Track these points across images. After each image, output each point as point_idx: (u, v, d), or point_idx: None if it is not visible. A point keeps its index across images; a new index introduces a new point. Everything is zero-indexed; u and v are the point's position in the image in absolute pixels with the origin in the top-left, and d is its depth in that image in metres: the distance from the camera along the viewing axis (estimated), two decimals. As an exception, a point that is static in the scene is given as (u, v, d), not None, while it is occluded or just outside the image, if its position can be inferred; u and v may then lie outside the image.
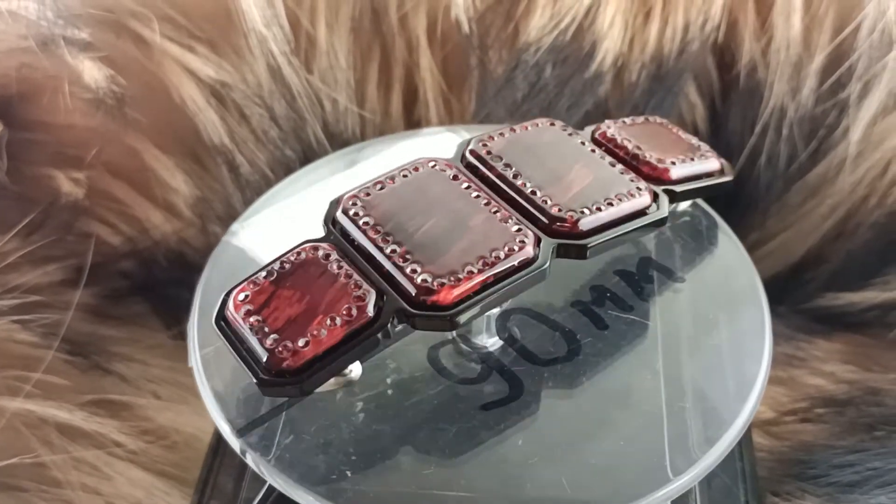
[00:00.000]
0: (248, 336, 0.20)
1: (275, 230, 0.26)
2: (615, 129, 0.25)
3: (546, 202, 0.22)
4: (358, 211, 0.21)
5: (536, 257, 0.21)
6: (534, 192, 0.22)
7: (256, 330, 0.20)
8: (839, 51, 0.31)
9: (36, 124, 0.31)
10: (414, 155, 0.23)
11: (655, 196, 0.23)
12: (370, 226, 0.21)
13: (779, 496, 0.28)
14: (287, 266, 0.21)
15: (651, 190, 0.23)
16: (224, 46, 0.32)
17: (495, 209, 0.21)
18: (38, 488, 0.27)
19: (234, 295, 0.21)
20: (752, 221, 0.34)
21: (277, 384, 0.19)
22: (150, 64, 0.32)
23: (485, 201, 0.22)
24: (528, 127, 0.24)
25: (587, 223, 0.21)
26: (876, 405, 0.30)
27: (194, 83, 0.32)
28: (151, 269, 0.34)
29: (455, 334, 0.23)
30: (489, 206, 0.21)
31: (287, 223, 0.26)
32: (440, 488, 0.20)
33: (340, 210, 0.22)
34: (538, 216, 0.21)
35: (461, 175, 0.22)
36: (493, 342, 0.23)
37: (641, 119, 0.26)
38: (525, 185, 0.22)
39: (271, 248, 0.22)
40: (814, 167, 0.33)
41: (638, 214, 0.22)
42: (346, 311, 0.20)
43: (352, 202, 0.22)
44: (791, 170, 0.33)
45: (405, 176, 0.22)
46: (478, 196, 0.22)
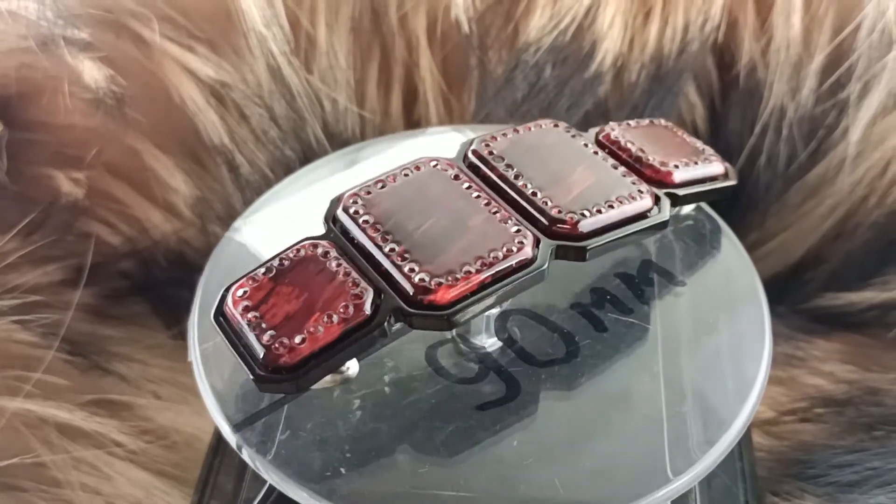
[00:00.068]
0: (246, 332, 0.20)
1: (278, 227, 0.26)
2: (619, 132, 0.25)
3: (546, 203, 0.22)
4: (358, 209, 0.21)
5: (535, 258, 0.21)
6: (534, 194, 0.22)
7: (254, 326, 0.20)
8: (839, 51, 0.31)
9: (36, 124, 0.31)
10: (414, 155, 0.23)
11: (657, 199, 0.23)
12: (370, 224, 0.21)
13: (778, 496, 0.28)
14: (286, 263, 0.21)
15: (653, 193, 0.23)
16: (224, 46, 0.32)
17: (495, 210, 0.21)
18: (38, 488, 0.27)
19: (233, 291, 0.21)
20: (752, 221, 0.34)
21: (274, 380, 0.19)
22: (150, 64, 0.31)
23: (485, 202, 0.22)
24: (532, 128, 0.24)
25: (587, 225, 0.21)
26: (875, 405, 0.30)
27: (194, 83, 0.32)
28: (151, 269, 0.34)
29: (454, 334, 0.23)
30: (489, 207, 0.21)
31: (291, 220, 0.26)
32: (435, 487, 0.20)
33: (341, 208, 0.22)
34: (538, 217, 0.21)
35: (462, 175, 0.22)
36: (492, 342, 0.23)
37: (646, 121, 0.26)
38: (526, 186, 0.22)
39: (274, 246, 0.22)
40: (813, 167, 0.33)
41: (639, 217, 0.22)
42: (344, 309, 0.20)
43: (352, 200, 0.22)
44: (790, 170, 0.33)
45: (406, 175, 0.22)
46: (478, 196, 0.22)
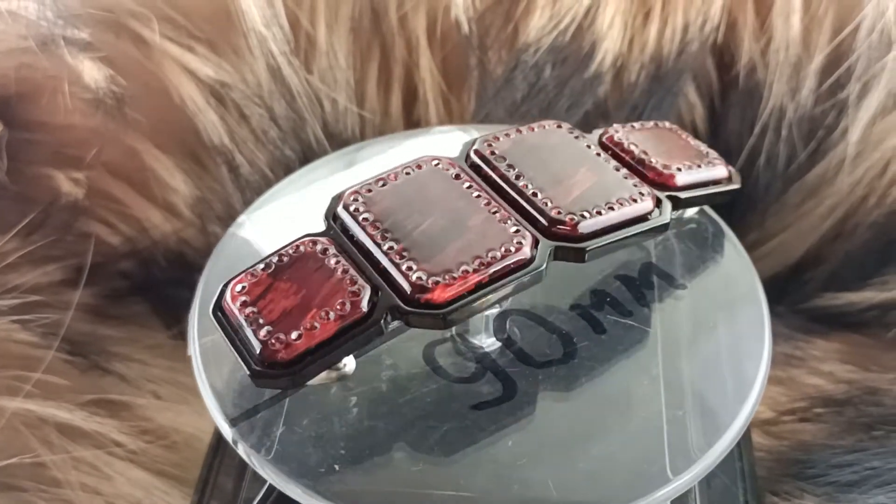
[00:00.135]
0: (244, 327, 0.20)
1: (280, 225, 0.26)
2: (622, 133, 0.25)
3: (546, 204, 0.22)
4: (359, 207, 0.21)
5: (533, 259, 0.21)
6: (535, 194, 0.22)
7: (251, 321, 0.20)
8: (838, 51, 0.32)
9: (35, 124, 0.31)
10: (413, 154, 0.23)
11: (659, 202, 0.23)
12: (369, 222, 0.21)
13: (778, 496, 0.28)
14: (285, 259, 0.21)
15: (654, 195, 0.23)
16: (224, 46, 0.32)
17: (495, 210, 0.21)
18: (38, 488, 0.27)
19: (232, 286, 0.21)
20: (751, 221, 0.34)
21: (269, 376, 0.19)
22: (150, 64, 0.31)
23: (485, 201, 0.22)
24: (535, 128, 0.24)
25: (586, 226, 0.21)
26: (874, 405, 0.30)
27: (194, 83, 0.32)
28: (151, 269, 0.34)
29: (454, 333, 0.23)
30: (489, 207, 0.21)
31: (291, 220, 0.25)
32: (429, 486, 0.20)
33: (341, 205, 0.22)
34: (538, 218, 0.21)
35: (463, 174, 0.22)
36: (490, 342, 0.23)
37: (650, 124, 0.26)
38: (527, 187, 0.22)
39: (275, 244, 0.22)
40: (813, 167, 0.33)
41: (639, 220, 0.22)
42: (341, 306, 0.20)
43: (353, 198, 0.22)
44: (790, 170, 0.33)
45: (408, 173, 0.22)
46: (478, 196, 0.22)
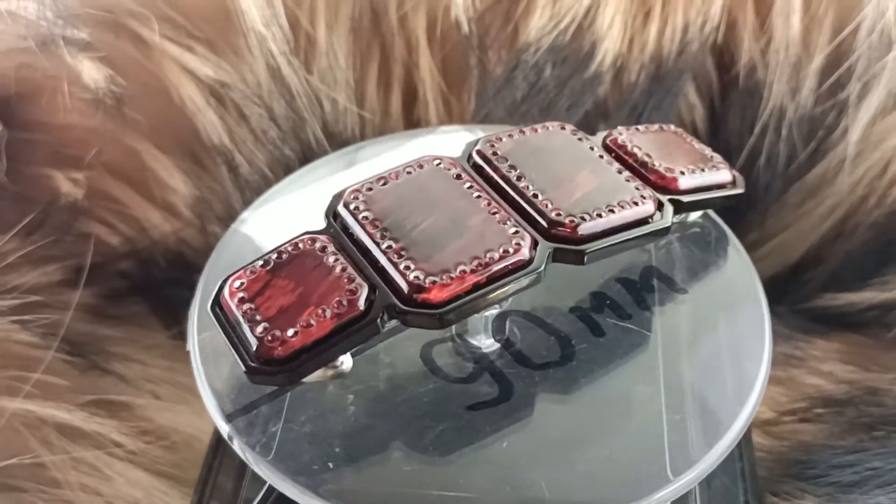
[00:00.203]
0: (241, 323, 0.20)
1: (285, 222, 0.25)
2: (626, 136, 0.25)
3: (547, 206, 0.21)
4: (359, 205, 0.21)
5: (532, 260, 0.20)
6: (535, 195, 0.22)
7: (249, 318, 0.20)
8: (838, 51, 0.31)
9: (35, 124, 0.31)
10: (414, 155, 0.23)
11: (660, 205, 0.23)
12: (369, 220, 0.21)
13: (778, 496, 0.28)
14: (284, 256, 0.21)
15: (656, 199, 0.23)
16: (223, 46, 0.32)
17: (495, 210, 0.21)
18: (38, 488, 0.27)
19: (231, 282, 0.21)
20: (751, 221, 0.34)
21: (265, 373, 0.19)
22: (150, 64, 0.31)
23: (486, 202, 0.22)
24: (538, 129, 0.24)
25: (586, 228, 0.21)
26: (875, 405, 0.30)
27: (193, 83, 0.32)
28: (150, 270, 0.34)
29: (453, 333, 0.23)
30: (489, 207, 0.21)
31: (301, 212, 0.25)
32: (422, 486, 0.20)
33: (342, 203, 0.22)
34: (538, 219, 0.21)
35: (465, 174, 0.22)
36: (489, 343, 0.23)
37: (655, 127, 0.26)
38: (528, 188, 0.22)
39: (278, 241, 0.22)
40: (813, 167, 0.33)
41: (640, 223, 0.22)
42: (337, 304, 0.20)
43: (353, 196, 0.22)
44: (790, 170, 0.33)
45: (409, 172, 0.22)
46: (479, 196, 0.22)
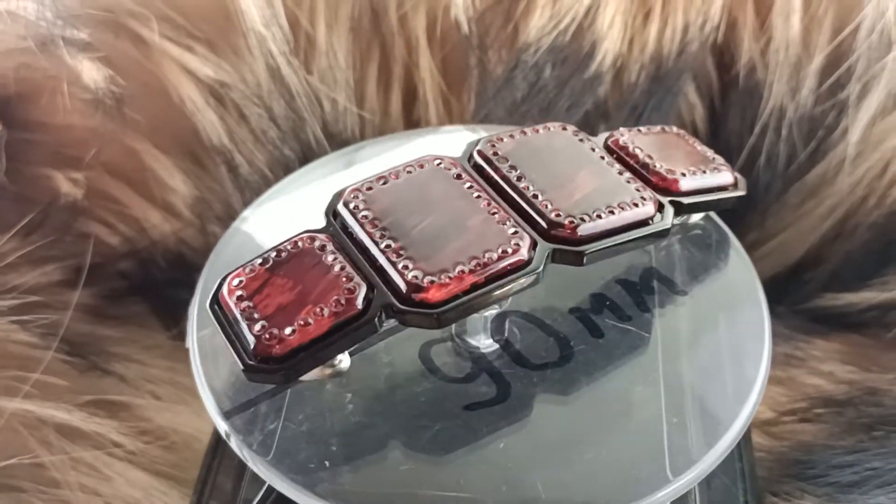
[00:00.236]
0: (239, 321, 0.20)
1: (287, 220, 0.25)
2: (628, 137, 0.24)
3: (547, 206, 0.21)
4: (358, 204, 0.21)
5: (531, 261, 0.20)
6: (535, 196, 0.22)
7: (247, 316, 0.20)
8: (838, 51, 0.31)
9: (35, 124, 0.31)
10: (413, 155, 0.23)
11: (661, 206, 0.23)
12: (368, 219, 0.21)
13: (778, 496, 0.28)
14: (283, 255, 0.21)
15: (656, 200, 0.22)
16: (223, 46, 0.32)
17: (494, 211, 0.21)
18: (37, 489, 0.27)
19: (229, 280, 0.21)
20: (751, 222, 0.34)
21: (263, 370, 0.20)
22: (149, 64, 0.31)
23: (485, 202, 0.22)
24: (540, 130, 0.24)
25: (586, 229, 0.21)
26: (875, 405, 0.30)
27: (193, 83, 0.32)
28: (150, 270, 0.34)
29: (453, 333, 0.23)
30: (489, 208, 0.21)
31: (304, 211, 0.25)
32: (421, 486, 0.20)
33: (342, 202, 0.22)
34: (537, 220, 0.21)
35: (465, 174, 0.22)
36: (488, 343, 0.23)
37: (658, 128, 0.26)
38: (528, 189, 0.22)
39: (278, 239, 0.22)
40: (813, 167, 0.33)
41: (640, 224, 0.22)
42: (335, 303, 0.20)
43: (353, 195, 0.22)
44: (790, 170, 0.33)
45: (409, 172, 0.22)
46: (479, 196, 0.22)
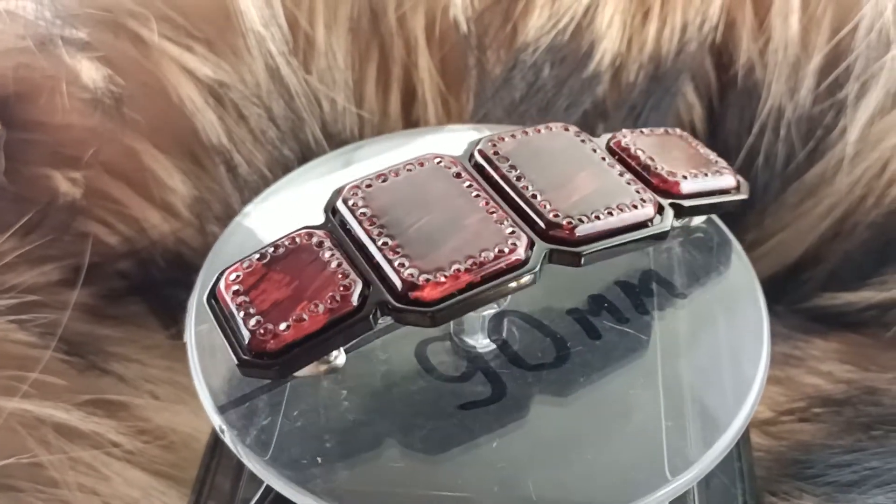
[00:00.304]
0: (235, 316, 0.20)
1: (287, 215, 0.25)
2: (630, 139, 0.24)
3: (545, 207, 0.21)
4: (357, 201, 0.21)
5: (527, 261, 0.20)
6: (534, 196, 0.22)
7: (243, 310, 0.20)
8: (837, 51, 0.32)
9: (33, 124, 0.31)
10: (411, 155, 0.23)
11: (661, 209, 0.22)
12: (367, 217, 0.21)
13: (776, 496, 0.28)
14: (281, 250, 0.21)
15: (656, 202, 0.22)
16: (222, 46, 0.32)
17: (493, 210, 0.21)
18: (35, 488, 0.27)
19: (227, 274, 0.21)
20: (750, 221, 0.34)
21: (257, 365, 0.20)
22: (148, 64, 0.31)
23: (484, 201, 0.22)
24: (542, 130, 0.24)
25: (584, 230, 0.21)
26: (873, 405, 0.30)
27: (192, 83, 0.32)
28: (149, 270, 0.34)
29: (451, 332, 0.23)
30: (487, 207, 0.21)
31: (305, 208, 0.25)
32: (416, 486, 0.20)
33: (341, 199, 0.22)
34: (536, 220, 0.21)
35: (465, 173, 0.22)
36: (485, 343, 0.23)
37: (661, 130, 0.26)
38: (527, 189, 0.22)
39: (277, 235, 0.22)
40: (811, 167, 0.33)
41: (639, 226, 0.22)
42: (331, 299, 0.20)
43: (353, 192, 0.22)
44: (789, 170, 0.33)
45: (409, 170, 0.22)
46: (477, 196, 0.22)
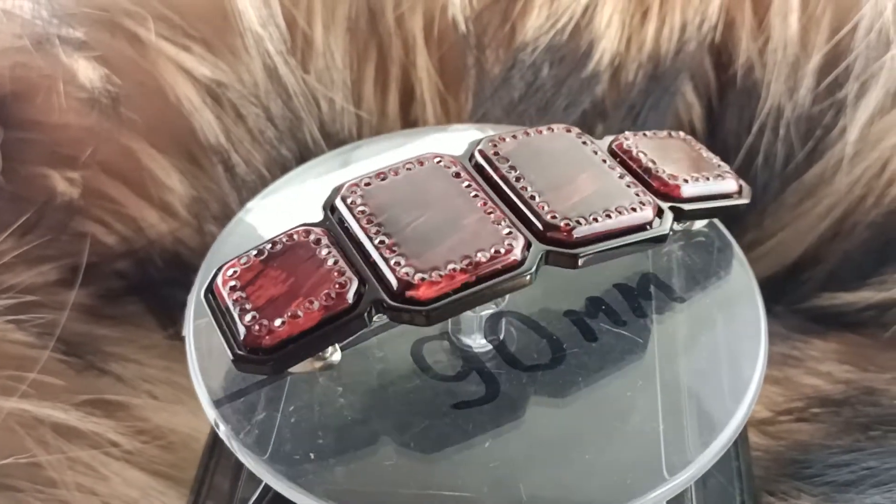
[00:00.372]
0: (231, 311, 0.20)
1: (285, 214, 0.25)
2: (632, 141, 0.24)
3: (544, 208, 0.21)
4: (356, 199, 0.21)
5: (523, 262, 0.20)
6: (533, 197, 0.22)
7: (239, 306, 0.20)
8: (836, 51, 0.31)
9: (31, 124, 0.31)
10: (409, 154, 0.23)
11: (660, 212, 0.22)
12: (364, 215, 0.21)
13: (774, 496, 0.28)
14: (278, 247, 0.21)
15: (656, 205, 0.22)
16: (220, 46, 0.32)
17: (491, 210, 0.21)
18: (34, 488, 0.27)
19: (224, 270, 0.21)
20: (749, 221, 0.34)
21: (252, 361, 0.20)
22: (146, 63, 0.31)
23: (482, 202, 0.21)
24: (543, 131, 0.24)
25: (581, 232, 0.21)
26: (872, 405, 0.30)
27: (190, 83, 0.32)
28: (147, 269, 0.34)
29: (448, 331, 0.23)
30: (485, 207, 0.21)
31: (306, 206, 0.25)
32: (410, 485, 0.20)
33: (340, 197, 0.22)
34: (533, 221, 0.21)
35: (464, 173, 0.22)
36: (481, 343, 0.23)
37: (664, 133, 0.25)
38: (526, 189, 0.22)
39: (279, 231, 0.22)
40: (811, 167, 0.33)
41: (638, 229, 0.22)
42: (326, 297, 0.20)
43: (352, 190, 0.22)
44: (788, 170, 0.33)
45: (409, 169, 0.22)
46: (476, 196, 0.22)
